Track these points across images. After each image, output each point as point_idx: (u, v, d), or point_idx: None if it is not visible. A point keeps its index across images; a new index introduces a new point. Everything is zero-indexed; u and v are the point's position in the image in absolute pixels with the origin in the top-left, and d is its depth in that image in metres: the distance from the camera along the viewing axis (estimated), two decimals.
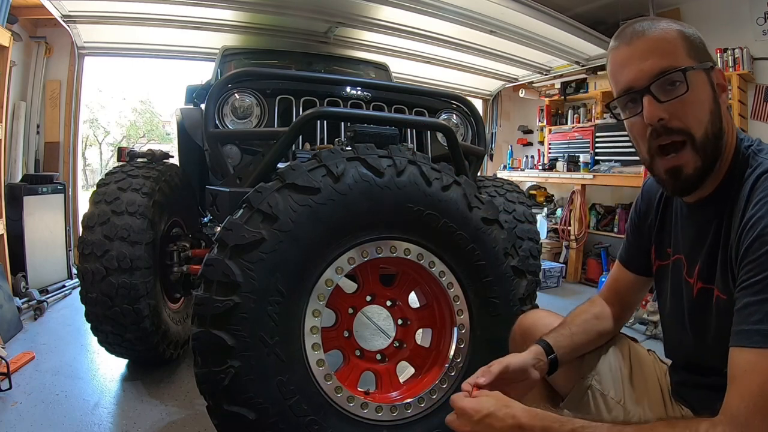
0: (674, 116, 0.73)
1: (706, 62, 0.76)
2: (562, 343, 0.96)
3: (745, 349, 0.61)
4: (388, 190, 1.20)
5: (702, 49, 0.77)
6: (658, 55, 0.74)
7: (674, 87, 0.73)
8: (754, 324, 0.60)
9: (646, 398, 0.96)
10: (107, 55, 4.24)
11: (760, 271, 0.62)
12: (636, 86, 0.76)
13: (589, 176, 4.31)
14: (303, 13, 3.22)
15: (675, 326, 0.91)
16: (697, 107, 0.74)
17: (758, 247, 0.63)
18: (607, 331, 1.03)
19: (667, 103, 0.73)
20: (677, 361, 0.95)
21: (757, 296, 0.61)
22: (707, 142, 0.74)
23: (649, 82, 0.74)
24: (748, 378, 0.58)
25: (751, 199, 0.68)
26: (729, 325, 0.65)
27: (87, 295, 1.82)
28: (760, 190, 0.68)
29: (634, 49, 0.76)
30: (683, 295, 0.87)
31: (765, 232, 0.63)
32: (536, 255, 2.45)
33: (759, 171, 0.70)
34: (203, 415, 1.27)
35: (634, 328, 2.89)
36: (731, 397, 0.60)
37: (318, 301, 1.16)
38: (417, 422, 1.22)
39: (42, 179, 3.35)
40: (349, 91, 1.91)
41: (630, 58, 0.76)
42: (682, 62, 0.73)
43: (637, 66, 0.75)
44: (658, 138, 0.76)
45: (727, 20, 3.86)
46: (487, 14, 3.38)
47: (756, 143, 0.77)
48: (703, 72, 0.75)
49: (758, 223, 0.64)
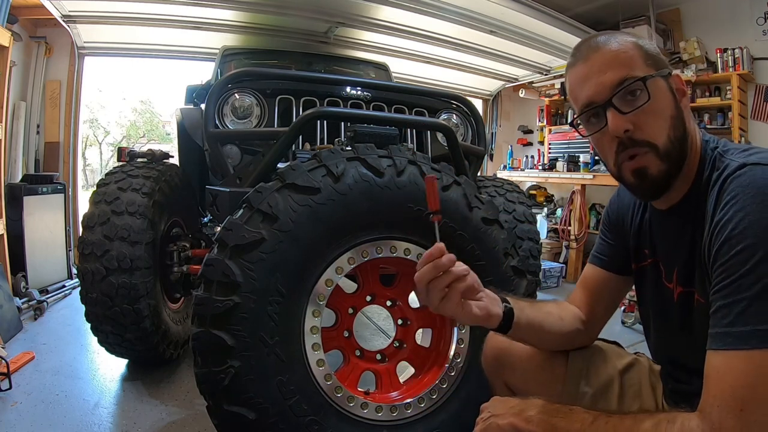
0: (638, 127, 0.74)
1: (664, 69, 0.76)
2: (518, 303, 0.91)
3: (718, 351, 0.62)
4: (388, 190, 1.20)
5: (658, 58, 0.78)
6: (616, 67, 0.74)
7: (635, 97, 0.74)
8: (725, 327, 0.61)
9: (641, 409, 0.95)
10: (107, 55, 4.24)
11: (729, 274, 0.62)
12: (597, 100, 0.76)
13: (589, 176, 4.31)
14: (303, 13, 3.23)
15: (657, 330, 0.91)
16: (659, 115, 0.74)
17: (727, 250, 0.63)
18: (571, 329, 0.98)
19: (631, 114, 0.74)
20: (663, 366, 0.94)
21: (727, 299, 0.62)
22: (671, 147, 0.74)
23: (610, 94, 0.74)
24: (721, 379, 0.60)
25: (719, 202, 0.68)
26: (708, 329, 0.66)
27: (87, 295, 1.82)
28: (727, 192, 0.67)
29: (592, 63, 0.77)
30: (663, 299, 0.86)
31: (733, 235, 0.63)
32: (536, 255, 2.45)
33: (726, 173, 0.70)
34: (203, 415, 1.27)
35: (634, 328, 2.89)
36: (705, 397, 0.61)
37: (318, 301, 1.16)
38: (417, 422, 1.22)
39: (42, 179, 3.35)
40: (349, 91, 1.91)
41: (588, 73, 0.77)
42: (640, 72, 0.74)
43: (596, 80, 0.76)
44: (625, 150, 0.76)
45: (727, 20, 3.86)
46: (487, 14, 3.39)
47: (722, 144, 0.76)
48: (662, 79, 0.75)
49: (726, 225, 0.64)
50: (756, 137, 3.77)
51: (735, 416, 0.57)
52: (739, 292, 0.61)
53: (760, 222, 0.61)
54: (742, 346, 0.59)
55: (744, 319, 0.59)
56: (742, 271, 0.61)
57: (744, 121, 3.80)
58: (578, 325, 0.99)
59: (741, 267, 0.61)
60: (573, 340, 1.00)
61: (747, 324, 0.59)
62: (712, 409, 0.59)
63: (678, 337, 0.84)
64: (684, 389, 0.84)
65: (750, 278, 0.60)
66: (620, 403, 0.97)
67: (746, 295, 0.60)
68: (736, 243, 0.62)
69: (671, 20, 4.25)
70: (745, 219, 0.62)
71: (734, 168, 0.69)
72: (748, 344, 0.58)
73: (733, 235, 0.63)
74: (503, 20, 3.48)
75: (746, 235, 0.61)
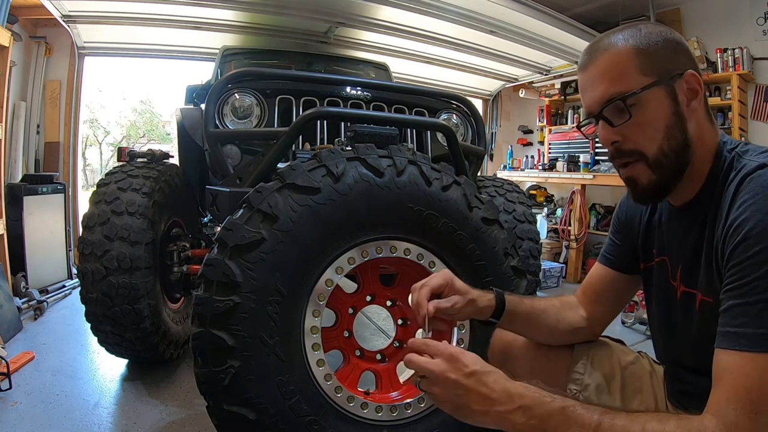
0: (627, 138, 0.76)
1: (668, 73, 0.73)
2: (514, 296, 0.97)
3: (730, 351, 0.61)
4: (388, 190, 1.20)
5: (664, 60, 0.74)
6: (607, 82, 0.75)
7: (624, 110, 0.75)
8: (739, 327, 0.61)
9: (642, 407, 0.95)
10: (107, 55, 4.25)
11: (745, 275, 0.62)
12: (592, 112, 0.79)
13: (589, 176, 4.31)
14: (303, 13, 3.23)
15: (662, 329, 0.91)
16: (649, 126, 0.74)
17: (743, 251, 0.63)
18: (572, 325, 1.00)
19: (620, 127, 0.75)
20: (667, 365, 0.94)
21: (742, 299, 0.61)
22: (662, 158, 0.74)
23: (600, 108, 0.77)
24: (735, 380, 0.59)
25: (735, 201, 0.67)
26: (714, 329, 0.65)
27: (87, 295, 1.81)
28: (745, 191, 0.66)
29: (588, 75, 0.79)
30: (669, 298, 0.86)
31: (750, 235, 0.62)
32: (536, 255, 2.45)
33: (743, 173, 0.69)
34: (203, 415, 1.27)
35: (634, 328, 2.89)
36: (718, 398, 0.60)
37: (318, 301, 1.15)
38: (417, 422, 1.22)
39: (42, 179, 3.35)
40: (349, 91, 1.91)
41: (585, 84, 0.80)
42: (633, 84, 0.73)
43: (590, 93, 0.79)
44: (614, 159, 0.80)
45: (727, 20, 3.86)
46: (487, 14, 3.39)
47: (740, 146, 0.75)
48: (660, 87, 0.73)
49: (743, 225, 0.64)
50: (756, 137, 3.77)
51: (750, 419, 0.57)
52: (755, 294, 0.60)
53: None
54: (757, 348, 0.58)
55: (759, 321, 0.59)
56: (759, 272, 0.60)
57: (744, 121, 3.80)
58: (581, 323, 1.01)
59: (758, 268, 0.60)
60: (574, 336, 1.02)
61: (763, 326, 0.59)
62: (728, 411, 0.58)
63: (681, 337, 0.84)
64: (688, 390, 0.84)
65: (767, 280, 0.59)
66: (623, 396, 0.98)
67: (763, 297, 0.59)
68: (753, 243, 0.62)
69: (671, 20, 4.24)
70: (764, 220, 0.62)
71: (753, 168, 0.68)
72: (762, 347, 0.58)
73: (751, 235, 0.62)
74: (503, 20, 3.48)
75: (764, 236, 0.61)
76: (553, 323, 1.00)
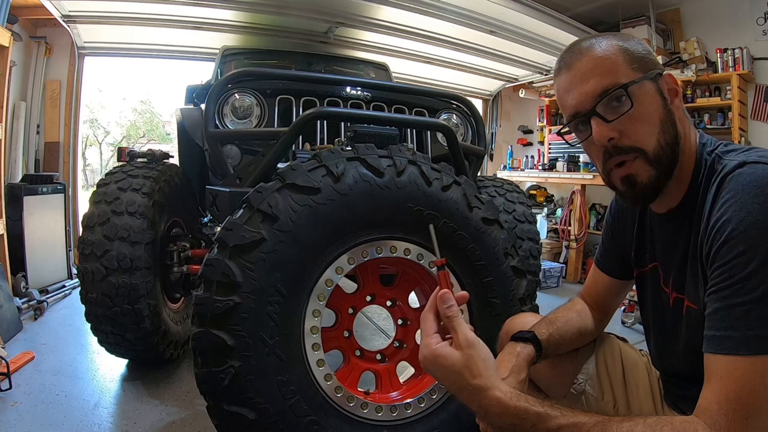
0: (624, 134, 0.73)
1: (652, 71, 0.74)
2: (542, 330, 0.95)
3: (718, 355, 0.60)
4: (388, 190, 1.20)
5: (646, 59, 0.75)
6: (598, 75, 0.73)
7: (620, 104, 0.73)
8: (725, 330, 0.60)
9: (638, 402, 0.96)
10: (107, 55, 4.24)
11: (729, 276, 0.61)
12: (582, 110, 0.76)
13: (589, 176, 4.31)
14: (303, 13, 3.23)
15: (656, 336, 0.91)
16: (646, 120, 0.73)
17: (727, 251, 0.61)
18: (588, 330, 1.02)
19: (615, 122, 0.73)
20: (662, 370, 0.95)
21: (726, 301, 0.60)
22: (661, 152, 0.73)
23: (594, 103, 0.74)
24: (724, 384, 0.58)
25: (717, 201, 0.66)
26: (700, 335, 0.64)
27: (87, 295, 1.82)
28: (726, 191, 0.65)
29: (575, 72, 0.76)
30: (662, 304, 0.86)
31: (733, 236, 0.61)
32: (536, 255, 2.45)
33: (724, 172, 0.68)
34: (203, 415, 1.27)
35: (634, 328, 2.89)
36: (708, 401, 0.60)
37: (318, 301, 1.15)
38: (417, 422, 1.22)
39: (42, 179, 3.35)
40: (349, 91, 1.91)
41: (572, 82, 0.76)
42: (624, 77, 0.72)
43: (579, 89, 0.75)
44: (611, 158, 0.76)
45: (727, 20, 3.86)
46: (487, 14, 3.39)
47: (721, 146, 0.75)
48: (650, 82, 0.74)
49: (726, 225, 0.62)
50: (756, 137, 3.77)
51: (741, 424, 0.56)
52: (741, 295, 0.59)
53: (762, 222, 0.59)
54: (745, 351, 0.58)
55: (746, 323, 0.58)
56: (743, 273, 0.59)
57: (744, 121, 3.80)
58: (592, 321, 1.05)
59: (742, 269, 0.59)
60: (587, 336, 1.05)
61: (749, 328, 0.58)
62: (719, 414, 0.58)
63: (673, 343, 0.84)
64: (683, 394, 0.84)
65: (752, 282, 0.58)
66: (625, 388, 0.99)
67: (748, 298, 0.58)
68: (736, 244, 0.60)
69: (671, 20, 4.25)
70: (746, 219, 0.60)
71: (733, 167, 0.67)
72: (751, 349, 0.57)
73: (734, 235, 0.61)
74: (503, 20, 3.49)
75: (748, 236, 0.60)
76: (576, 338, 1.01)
